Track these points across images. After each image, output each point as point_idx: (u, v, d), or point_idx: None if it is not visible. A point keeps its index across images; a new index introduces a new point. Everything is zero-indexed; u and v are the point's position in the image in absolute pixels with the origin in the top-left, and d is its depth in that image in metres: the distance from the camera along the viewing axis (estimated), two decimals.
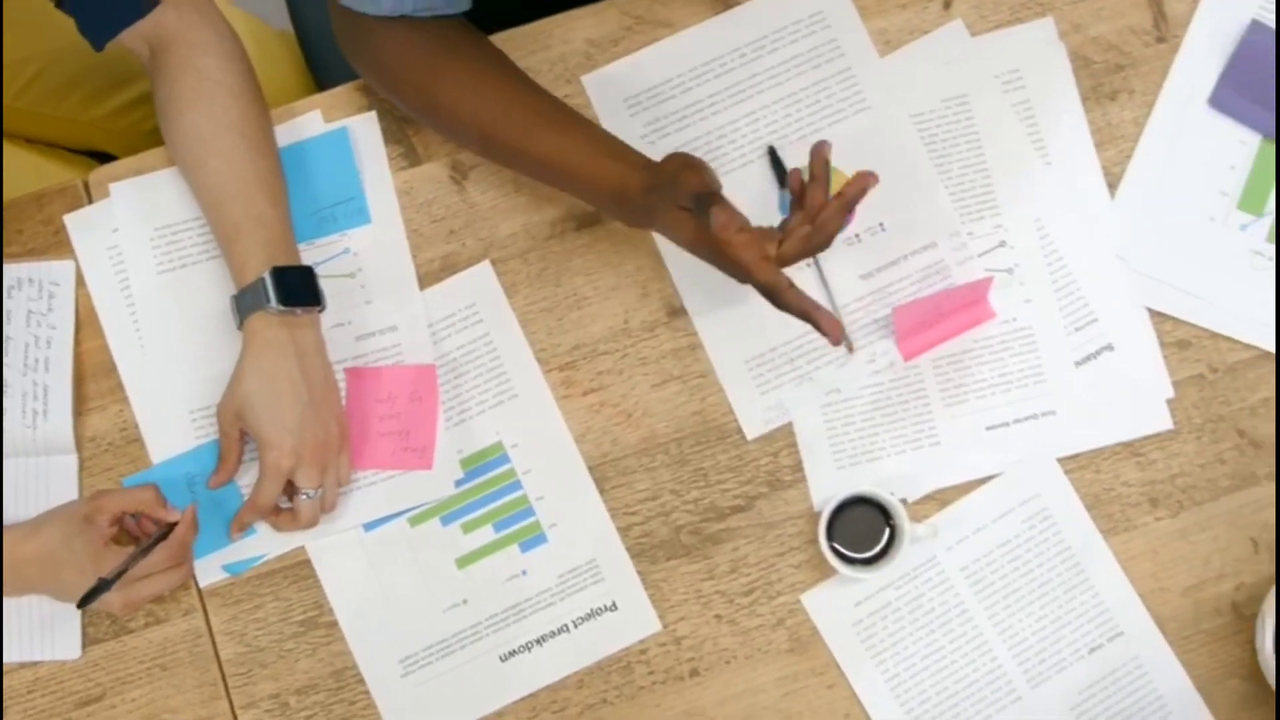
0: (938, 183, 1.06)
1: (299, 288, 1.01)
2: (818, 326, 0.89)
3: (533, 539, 1.04)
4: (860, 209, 1.04)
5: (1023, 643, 1.03)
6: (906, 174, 1.06)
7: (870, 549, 1.01)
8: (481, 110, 0.98)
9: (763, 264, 0.89)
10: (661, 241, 1.07)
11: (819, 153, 0.93)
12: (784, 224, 0.93)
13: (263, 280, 0.99)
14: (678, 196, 0.90)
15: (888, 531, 1.01)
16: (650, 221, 0.95)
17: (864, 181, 0.90)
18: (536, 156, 0.98)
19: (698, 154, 1.07)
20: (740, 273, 0.90)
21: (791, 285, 0.89)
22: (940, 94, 1.07)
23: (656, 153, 1.06)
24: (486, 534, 1.04)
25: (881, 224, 1.06)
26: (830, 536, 1.01)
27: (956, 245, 1.06)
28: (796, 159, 1.06)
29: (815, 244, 0.91)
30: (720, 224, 0.87)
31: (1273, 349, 1.06)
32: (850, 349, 1.04)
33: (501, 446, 1.05)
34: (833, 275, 1.05)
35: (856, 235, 1.06)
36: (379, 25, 0.98)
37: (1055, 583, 1.03)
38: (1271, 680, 0.98)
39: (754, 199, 1.06)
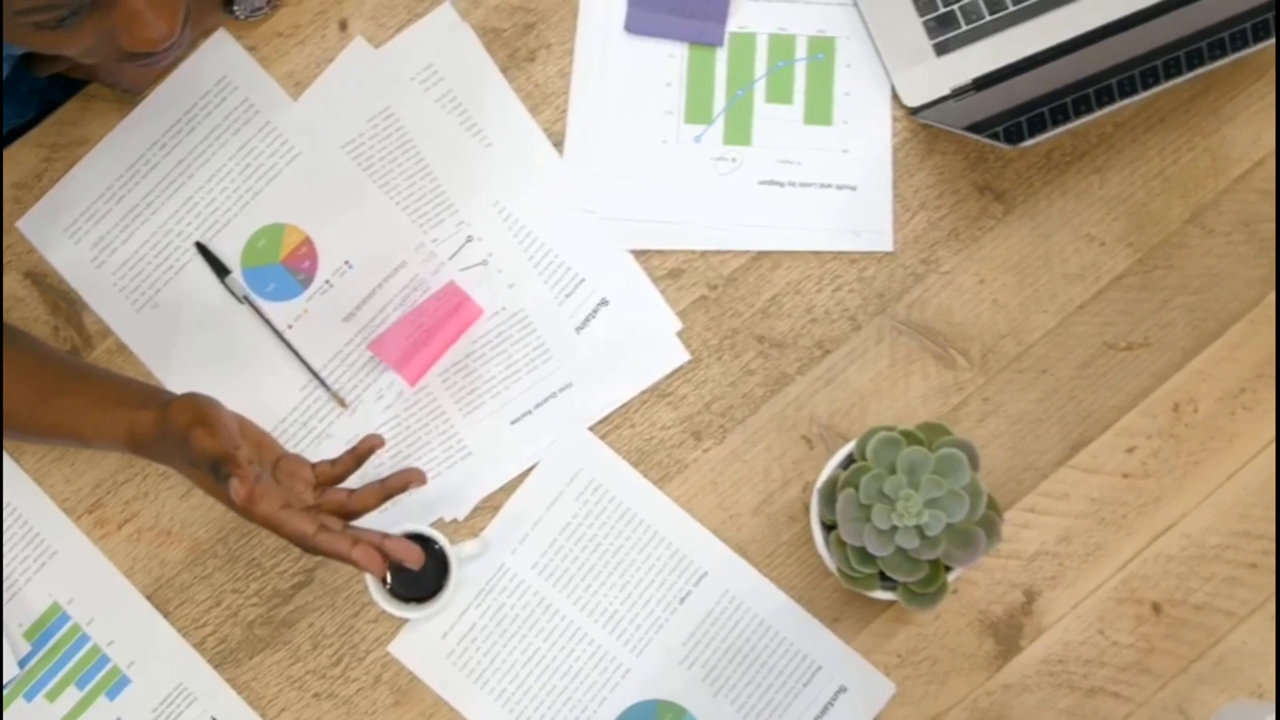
0: (388, 203, 1.05)
1: None
2: (356, 565, 0.87)
3: (116, 684, 1.03)
4: (322, 251, 1.04)
5: (614, 616, 1.02)
6: (355, 205, 1.05)
7: (428, 583, 1.00)
8: None
9: (284, 514, 0.86)
10: (150, 353, 1.05)
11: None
12: (321, 464, 0.92)
13: None
14: (191, 456, 0.86)
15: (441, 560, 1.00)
16: (177, 468, 0.91)
17: (408, 478, 0.91)
18: (48, 427, 0.94)
19: (149, 259, 1.05)
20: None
21: (320, 528, 0.87)
22: (364, 115, 1.06)
23: (109, 271, 1.05)
24: (72, 695, 1.03)
25: (347, 262, 1.05)
26: (393, 582, 1.00)
27: (425, 256, 1.04)
28: (240, 234, 1.04)
29: (348, 511, 0.91)
30: (242, 499, 0.83)
31: (765, 245, 1.05)
32: (343, 404, 1.03)
33: (59, 607, 1.03)
34: (311, 330, 1.03)
35: (328, 281, 1.04)
36: None
37: (627, 548, 1.02)
38: (833, 570, 0.96)
39: (213, 288, 1.04)
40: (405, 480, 0.92)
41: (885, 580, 0.95)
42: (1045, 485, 1.04)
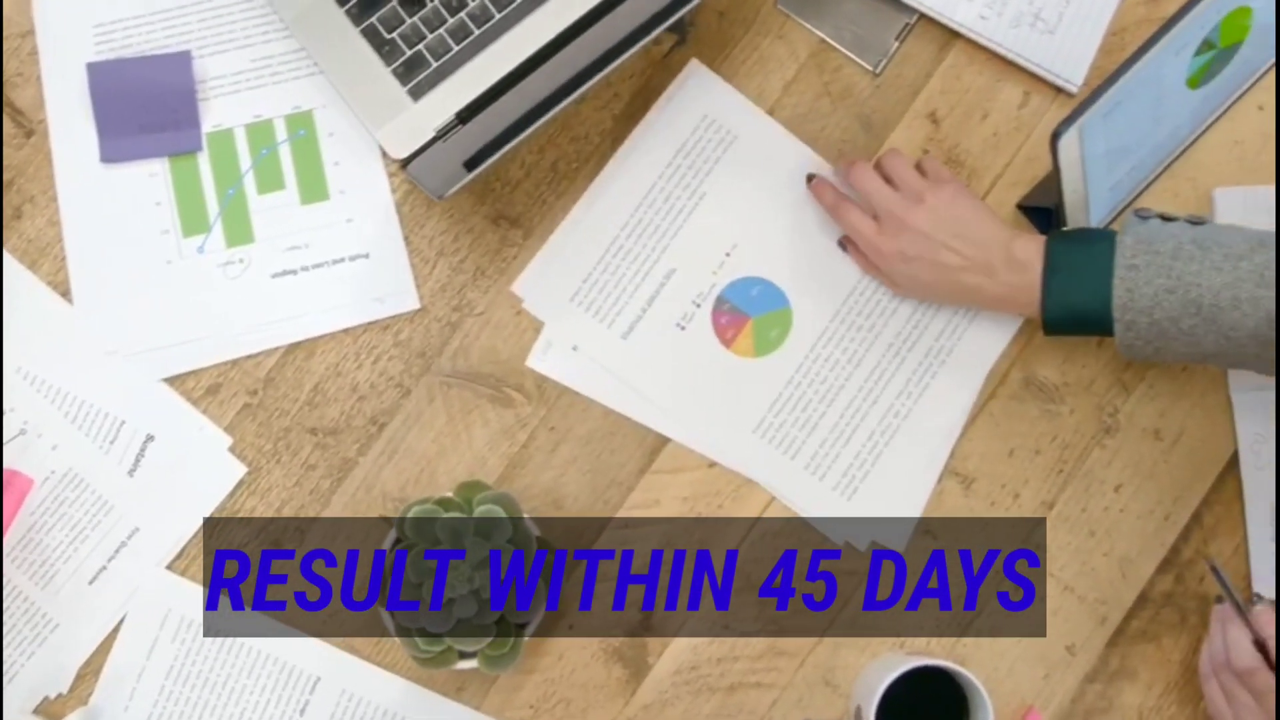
0: None
1: None
2: None
3: None
4: None
5: None
6: None
7: None
8: None
9: None
10: None
11: None
12: None
13: None
14: None
15: None
16: None
17: None
18: None
19: None
20: None
21: None
22: None
23: None
24: None
25: None
26: None
27: None
28: None
29: None
30: None
31: (295, 337, 1.02)
32: None
33: None
34: None
35: None
36: None
37: (235, 674, 1.00)
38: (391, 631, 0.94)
39: None
40: None
41: (463, 652, 0.93)
42: (634, 497, 1.01)
